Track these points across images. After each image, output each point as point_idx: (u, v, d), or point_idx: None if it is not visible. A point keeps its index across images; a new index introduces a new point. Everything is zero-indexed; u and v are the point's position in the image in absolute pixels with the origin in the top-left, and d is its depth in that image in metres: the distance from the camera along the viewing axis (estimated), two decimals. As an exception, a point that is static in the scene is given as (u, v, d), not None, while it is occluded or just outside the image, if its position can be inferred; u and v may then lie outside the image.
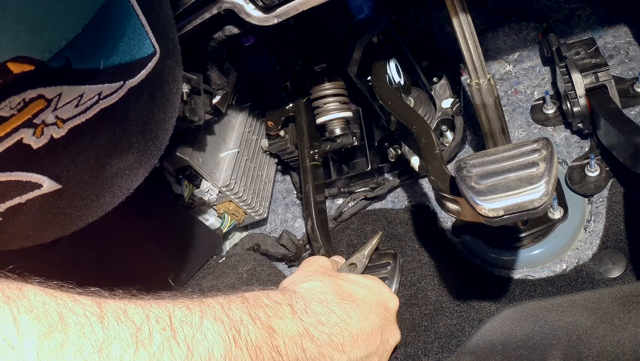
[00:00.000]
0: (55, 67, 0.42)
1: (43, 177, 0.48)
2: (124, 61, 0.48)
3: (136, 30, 0.49)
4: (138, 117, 0.54)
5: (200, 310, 0.55)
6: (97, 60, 0.46)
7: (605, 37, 1.09)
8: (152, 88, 0.54)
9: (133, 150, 0.55)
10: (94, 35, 0.44)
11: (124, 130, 0.52)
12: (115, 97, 0.49)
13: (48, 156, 0.46)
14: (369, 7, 1.09)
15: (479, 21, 1.20)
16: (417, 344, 0.84)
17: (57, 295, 0.45)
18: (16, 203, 0.48)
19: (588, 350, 0.61)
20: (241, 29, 0.86)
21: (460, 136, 1.08)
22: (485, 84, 0.84)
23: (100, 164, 0.52)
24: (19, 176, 0.46)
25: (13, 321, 0.40)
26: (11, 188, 0.46)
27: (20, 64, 0.39)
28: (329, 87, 1.12)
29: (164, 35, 0.54)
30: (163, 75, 0.55)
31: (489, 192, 0.63)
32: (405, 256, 1.00)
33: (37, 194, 0.48)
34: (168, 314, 0.52)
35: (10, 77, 0.39)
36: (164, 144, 0.60)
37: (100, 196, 0.55)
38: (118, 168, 0.54)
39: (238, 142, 1.19)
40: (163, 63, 0.54)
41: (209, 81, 1.02)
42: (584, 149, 1.01)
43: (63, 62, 0.42)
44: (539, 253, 0.93)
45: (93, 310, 0.46)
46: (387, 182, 1.14)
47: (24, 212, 0.49)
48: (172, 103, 0.59)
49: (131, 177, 0.57)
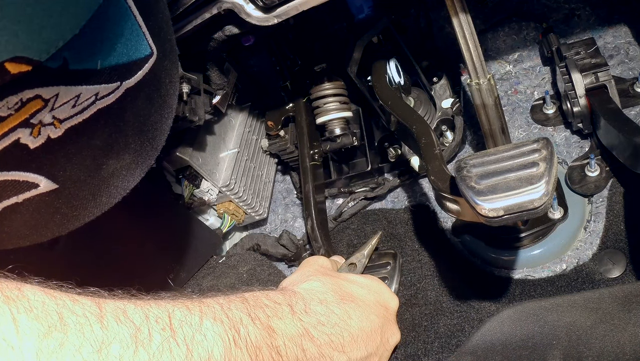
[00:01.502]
0: (52, 67, 0.42)
1: (40, 177, 0.48)
2: (121, 62, 0.49)
3: (133, 31, 0.49)
4: (135, 117, 0.54)
5: (200, 310, 0.55)
6: (94, 60, 0.46)
7: (605, 37, 1.09)
8: (149, 89, 0.54)
9: (130, 150, 0.55)
10: (92, 36, 0.44)
11: (120, 130, 0.53)
12: (112, 98, 0.49)
13: (45, 155, 0.47)
14: (369, 7, 1.09)
15: (479, 21, 1.20)
16: (417, 344, 0.84)
17: (57, 295, 0.45)
18: (13, 202, 0.48)
19: (588, 350, 0.61)
20: (241, 29, 0.86)
21: (460, 136, 1.08)
22: (485, 84, 0.84)
23: (97, 164, 0.52)
24: (16, 176, 0.46)
25: (12, 321, 0.40)
26: (8, 188, 0.47)
27: (18, 64, 0.39)
28: (328, 87, 1.12)
29: (161, 36, 0.54)
30: (160, 76, 0.56)
31: (489, 192, 0.63)
32: (405, 256, 1.00)
33: (34, 193, 0.49)
34: (167, 314, 0.52)
35: (7, 77, 0.39)
36: (160, 145, 0.60)
37: (97, 196, 0.55)
38: (115, 168, 0.54)
39: (238, 142, 1.19)
40: (160, 64, 0.54)
41: (209, 81, 1.02)
42: (584, 149, 1.01)
43: (60, 62, 0.42)
44: (539, 253, 0.93)
45: (92, 310, 0.46)
46: (387, 182, 1.14)
47: (20, 211, 0.49)
48: (169, 104, 0.60)
49: (128, 178, 0.57)
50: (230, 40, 0.90)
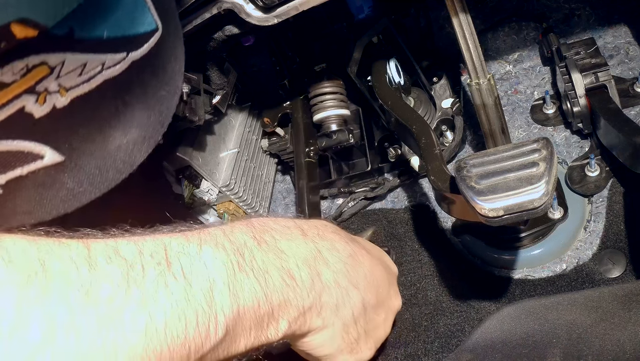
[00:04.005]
0: (58, 34, 0.41)
1: (45, 148, 0.47)
2: (126, 34, 0.48)
3: (138, 4, 0.49)
4: (141, 91, 0.53)
5: (199, 238, 0.52)
6: (100, 30, 0.45)
7: (605, 37, 1.09)
8: (155, 64, 0.54)
9: (136, 124, 0.54)
10: (97, 6, 0.44)
11: (126, 104, 0.52)
12: (118, 69, 0.49)
13: (50, 125, 0.46)
14: (369, 7, 1.09)
15: (479, 21, 1.20)
16: (417, 344, 0.84)
17: (40, 241, 0.43)
18: (17, 174, 0.46)
19: (588, 348, 0.61)
20: (241, 29, 0.86)
21: (460, 136, 1.08)
22: (485, 84, 0.84)
23: (103, 137, 0.51)
24: (20, 146, 0.45)
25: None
26: (12, 158, 0.45)
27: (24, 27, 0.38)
28: (327, 86, 1.12)
29: (165, 13, 0.54)
30: (165, 52, 0.55)
31: (489, 192, 0.63)
32: (405, 256, 1.00)
33: (39, 165, 0.47)
34: (163, 247, 0.49)
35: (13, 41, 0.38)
36: (167, 122, 0.59)
37: (103, 170, 0.53)
38: (121, 142, 0.53)
39: (238, 142, 1.19)
40: (165, 40, 0.54)
41: (209, 81, 1.02)
42: (584, 149, 1.01)
43: (67, 30, 0.42)
44: (539, 253, 0.93)
45: (80, 252, 0.44)
46: (387, 182, 1.14)
47: (25, 185, 0.48)
48: (175, 81, 0.59)
49: (134, 152, 0.55)
50: (230, 40, 0.90)
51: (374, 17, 1.08)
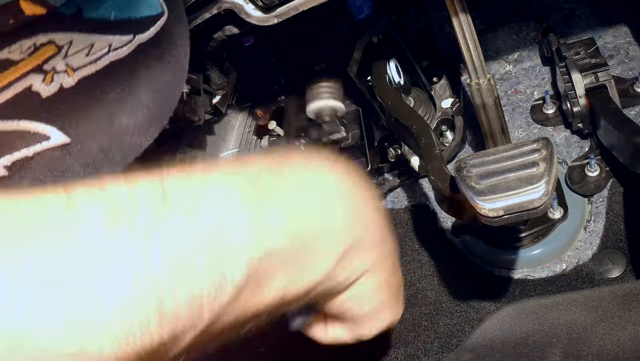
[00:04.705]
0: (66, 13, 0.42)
1: (51, 128, 0.46)
2: (133, 17, 0.49)
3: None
4: (147, 75, 0.53)
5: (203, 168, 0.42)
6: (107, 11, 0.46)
7: (605, 37, 1.09)
8: (161, 48, 0.54)
9: (142, 108, 0.53)
10: None
11: (133, 86, 0.52)
12: (125, 51, 0.49)
13: (57, 105, 0.45)
14: (369, 7, 1.09)
15: (479, 21, 1.20)
16: (417, 344, 0.84)
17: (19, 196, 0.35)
18: (23, 155, 0.46)
19: (588, 348, 0.61)
20: (241, 29, 0.86)
21: (460, 136, 1.08)
22: (485, 84, 0.84)
23: (109, 119, 0.51)
24: (27, 126, 0.45)
25: None
26: (18, 138, 0.45)
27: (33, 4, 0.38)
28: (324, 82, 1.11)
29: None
30: (172, 36, 0.56)
31: (489, 192, 0.63)
32: (405, 256, 1.00)
33: (45, 147, 0.46)
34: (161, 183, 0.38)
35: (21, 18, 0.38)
36: (173, 106, 0.59)
37: (109, 153, 0.52)
38: (127, 125, 0.52)
39: (238, 142, 1.19)
40: (171, 25, 0.54)
41: (209, 81, 1.02)
42: (584, 149, 1.01)
43: (74, 9, 0.42)
44: (539, 253, 0.93)
45: (58, 201, 0.34)
46: (387, 182, 1.14)
47: (30, 166, 0.47)
48: (181, 66, 0.59)
49: (140, 136, 0.55)
50: (230, 40, 0.90)
51: (374, 17, 1.08)
